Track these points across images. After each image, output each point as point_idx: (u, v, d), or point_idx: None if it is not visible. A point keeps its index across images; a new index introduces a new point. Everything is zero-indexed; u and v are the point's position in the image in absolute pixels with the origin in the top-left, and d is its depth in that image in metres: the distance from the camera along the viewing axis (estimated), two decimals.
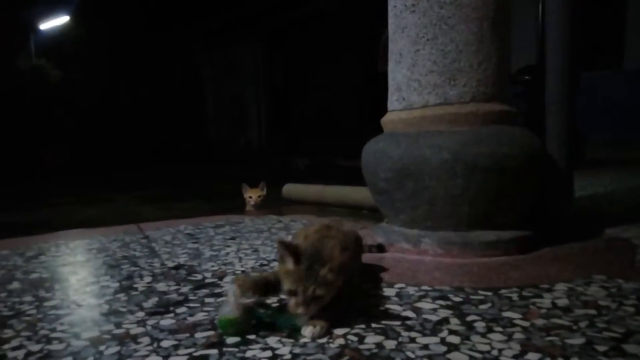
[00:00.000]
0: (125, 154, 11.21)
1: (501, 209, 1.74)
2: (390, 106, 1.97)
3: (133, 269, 1.80)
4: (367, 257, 1.71)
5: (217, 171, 9.14)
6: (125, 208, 5.05)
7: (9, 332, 1.22)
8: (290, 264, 1.11)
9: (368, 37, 9.37)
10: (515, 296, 1.34)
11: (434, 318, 1.20)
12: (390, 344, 1.06)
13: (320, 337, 1.10)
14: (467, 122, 1.75)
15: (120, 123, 12.07)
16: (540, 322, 1.16)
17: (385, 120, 1.98)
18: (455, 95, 1.76)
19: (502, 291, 1.39)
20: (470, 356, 1.00)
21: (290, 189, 3.74)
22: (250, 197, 3.54)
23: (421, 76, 1.80)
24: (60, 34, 13.98)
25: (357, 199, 3.06)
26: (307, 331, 1.11)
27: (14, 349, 1.12)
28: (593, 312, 1.22)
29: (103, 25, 12.90)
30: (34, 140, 11.01)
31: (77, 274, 1.78)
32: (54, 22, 14.09)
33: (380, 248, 1.84)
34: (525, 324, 1.15)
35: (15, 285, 1.65)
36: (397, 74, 1.89)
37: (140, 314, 1.31)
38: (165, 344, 1.10)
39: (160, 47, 13.06)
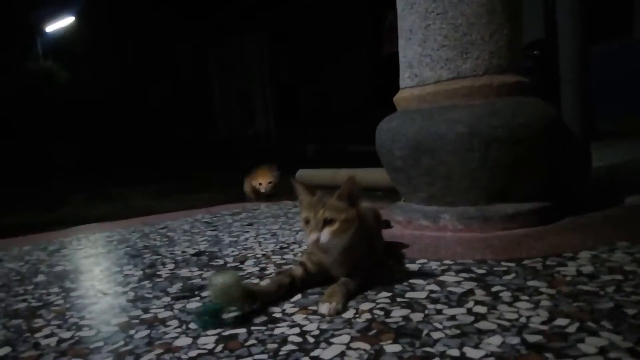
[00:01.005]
0: (136, 150, 11.28)
1: (520, 180, 1.72)
2: (402, 84, 1.95)
3: (155, 257, 1.81)
4: (387, 236, 1.71)
5: (226, 163, 9.17)
6: (140, 202, 5.08)
7: (39, 322, 1.24)
8: (304, 196, 1.26)
9: (372, 22, 9.30)
10: (539, 266, 1.34)
11: (459, 290, 1.20)
12: (417, 317, 1.06)
13: (337, 313, 1.11)
14: (482, 95, 1.73)
15: (130, 120, 12.14)
16: (566, 289, 1.16)
17: (398, 98, 1.96)
18: (468, 68, 1.75)
19: (526, 262, 1.38)
20: (499, 324, 0.99)
21: (303, 174, 3.74)
22: (260, 184, 3.27)
23: (433, 51, 1.79)
24: (66, 35, 14.05)
25: (371, 180, 3.05)
26: (324, 308, 1.12)
27: (46, 337, 1.14)
28: (619, 277, 1.21)
29: (109, 23, 12.93)
30: (46, 141, 11.12)
31: (100, 264, 1.80)
32: (60, 24, 14.15)
33: (387, 224, 1.86)
34: (552, 291, 1.15)
35: (40, 277, 1.68)
36: (408, 50, 1.87)
37: (167, 299, 1.32)
38: (194, 325, 1.11)
39: (168, 44, 13.07)
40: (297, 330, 1.04)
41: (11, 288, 1.58)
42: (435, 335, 0.97)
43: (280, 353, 0.94)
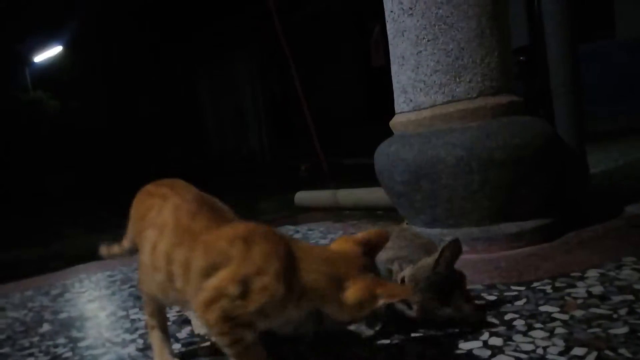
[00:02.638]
0: (130, 176, 11.24)
1: (521, 199, 1.73)
2: (397, 108, 1.97)
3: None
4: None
5: (222, 182, 9.16)
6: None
7: None
8: None
9: (360, 35, 9.39)
10: (548, 288, 1.34)
11: (472, 319, 1.20)
12: (432, 353, 1.06)
13: None
14: (477, 117, 1.75)
15: (122, 145, 12.11)
16: (579, 313, 1.16)
17: (395, 122, 1.98)
18: (462, 91, 1.76)
19: (535, 284, 1.38)
20: (516, 357, 0.99)
21: (302, 197, 3.74)
22: None
23: (426, 76, 1.80)
24: (54, 65, 14.06)
25: (371, 200, 3.05)
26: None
27: None
28: (630, 297, 1.21)
29: (96, 50, 12.95)
30: (38, 171, 11.06)
31: (105, 309, 1.78)
32: (48, 54, 14.17)
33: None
34: (565, 317, 1.15)
35: (46, 327, 1.66)
36: (402, 76, 1.89)
37: (177, 346, 1.31)
38: None
39: (157, 65, 13.09)
40: None
41: (16, 341, 1.56)
42: None
43: None
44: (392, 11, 1.90)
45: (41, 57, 14.30)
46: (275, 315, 0.93)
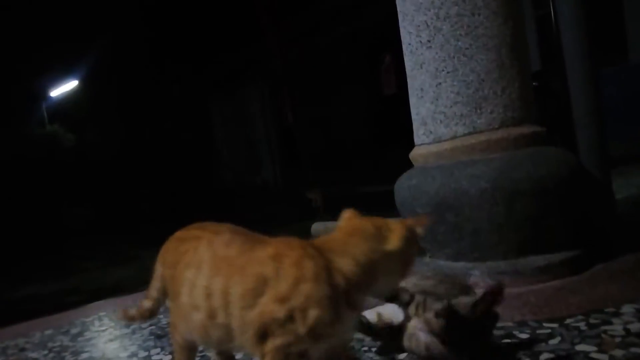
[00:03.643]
0: (146, 208, 11.31)
1: (547, 231, 1.70)
2: (417, 140, 1.96)
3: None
4: None
5: (237, 215, 9.17)
6: (152, 265, 5.05)
7: None
8: None
9: (372, 63, 9.49)
10: (582, 325, 1.29)
11: None
12: None
13: None
14: (500, 148, 1.73)
15: (139, 177, 12.24)
16: (619, 353, 1.11)
17: (415, 154, 1.97)
18: (483, 123, 1.75)
19: (568, 320, 1.34)
20: None
21: (319, 228, 3.72)
22: None
23: (446, 108, 1.80)
24: (70, 99, 14.39)
25: None
26: None
27: None
28: None
29: (111, 84, 13.24)
30: (56, 204, 11.18)
31: (127, 349, 1.76)
32: (64, 88, 14.52)
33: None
34: (604, 357, 1.11)
35: None
36: (421, 108, 1.89)
37: None
38: None
39: (170, 99, 13.33)
40: None
41: None
42: None
43: None
44: (410, 44, 1.91)
45: (57, 91, 14.66)
46: (330, 328, 0.87)
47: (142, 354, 1.66)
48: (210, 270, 0.98)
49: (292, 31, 10.24)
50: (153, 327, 1.98)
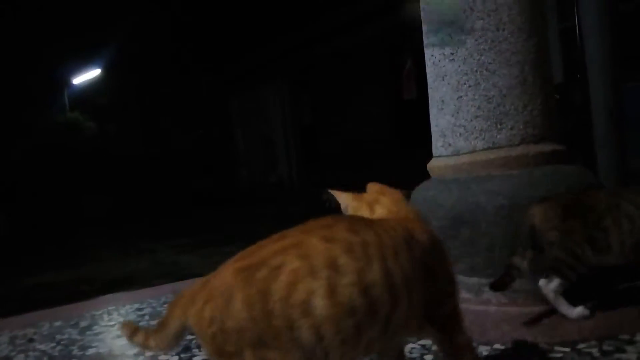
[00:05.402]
0: (162, 201, 11.42)
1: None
2: (435, 152, 1.95)
3: (189, 337, 1.78)
4: None
5: (251, 212, 9.22)
6: (167, 258, 5.11)
7: None
8: None
9: (392, 67, 9.45)
10: (595, 352, 1.28)
11: None
12: None
13: None
14: (519, 165, 1.71)
15: (156, 170, 12.36)
16: None
17: (432, 166, 1.96)
18: (503, 138, 1.74)
19: (580, 346, 1.33)
20: None
21: None
22: None
23: (466, 122, 1.79)
24: (92, 87, 14.57)
25: None
26: None
27: None
28: None
29: (133, 75, 13.38)
30: (75, 193, 11.34)
31: (134, 347, 1.77)
32: (86, 76, 14.70)
33: None
34: None
35: None
36: (441, 120, 1.88)
37: None
38: None
39: (190, 94, 13.44)
40: None
41: None
42: None
43: None
44: (432, 55, 1.90)
45: (80, 79, 14.83)
46: None
47: (149, 353, 1.68)
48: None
49: (315, 31, 10.26)
50: None
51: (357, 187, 1.45)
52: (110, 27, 12.72)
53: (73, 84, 14.99)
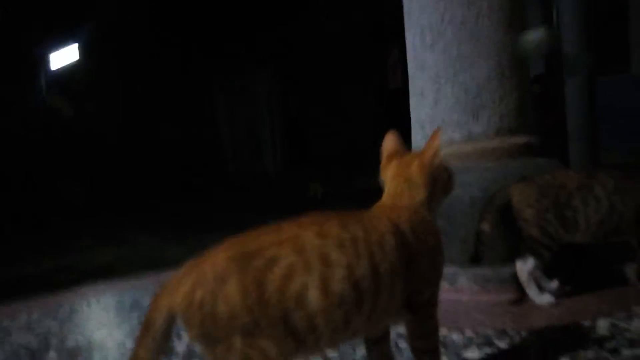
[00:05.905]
0: (143, 189, 11.30)
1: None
2: (414, 144, 1.98)
3: None
4: None
5: (236, 202, 9.19)
6: (148, 247, 5.07)
7: None
8: None
9: (379, 56, 9.47)
10: (560, 337, 1.33)
11: None
12: None
13: None
14: (494, 157, 1.75)
15: (137, 157, 12.20)
16: None
17: None
18: (479, 131, 1.77)
19: (546, 332, 1.37)
20: None
21: None
22: None
23: (444, 114, 1.82)
24: (71, 70, 14.27)
25: None
26: None
27: None
28: None
29: (114, 58, 13.14)
30: (53, 180, 11.15)
31: (114, 337, 1.77)
32: (65, 59, 14.38)
33: None
34: None
35: (52, 355, 1.65)
36: (420, 112, 1.90)
37: None
38: None
39: (173, 81, 13.27)
40: None
41: None
42: None
43: None
44: (413, 45, 1.92)
45: (58, 61, 14.49)
46: None
47: (129, 344, 1.67)
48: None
49: (304, 19, 10.22)
50: (142, 315, 2.00)
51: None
52: (90, 8, 12.46)
53: (51, 67, 14.65)
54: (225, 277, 0.84)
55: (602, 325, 1.38)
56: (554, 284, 1.60)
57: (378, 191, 1.17)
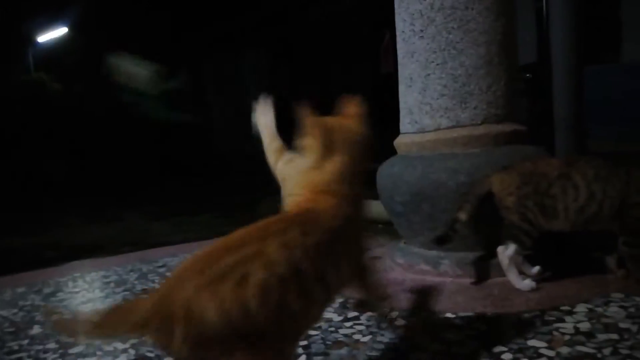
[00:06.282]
0: (132, 167, 11.22)
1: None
2: (402, 128, 1.99)
3: None
4: (388, 280, 1.74)
5: (224, 181, 9.18)
6: (136, 226, 5.07)
7: None
8: None
9: (372, 39, 9.40)
10: (538, 322, 1.37)
11: (463, 351, 1.23)
12: None
13: None
14: (480, 144, 1.77)
15: (125, 135, 12.08)
16: (565, 350, 1.19)
17: (399, 142, 2.00)
18: (467, 117, 1.79)
19: (525, 315, 1.41)
20: None
21: None
22: None
23: (432, 100, 1.83)
24: (59, 46, 14.01)
25: (372, 213, 3.06)
26: None
27: None
28: (615, 336, 1.24)
29: (101, 34, 12.91)
30: (39, 157, 11.02)
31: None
32: (52, 34, 14.11)
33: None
34: (551, 353, 1.18)
35: (36, 329, 1.66)
36: (409, 97, 1.91)
37: None
38: None
39: (162, 57, 13.08)
40: None
41: (5, 343, 1.56)
42: None
43: None
44: (403, 31, 1.92)
45: (45, 37, 14.23)
46: None
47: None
48: None
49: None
50: (127, 292, 2.02)
51: None
52: None
53: (38, 42, 14.38)
54: (199, 308, 0.81)
55: (580, 311, 1.42)
56: (535, 270, 1.64)
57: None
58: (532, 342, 1.24)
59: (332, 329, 1.42)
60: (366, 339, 1.33)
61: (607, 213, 1.55)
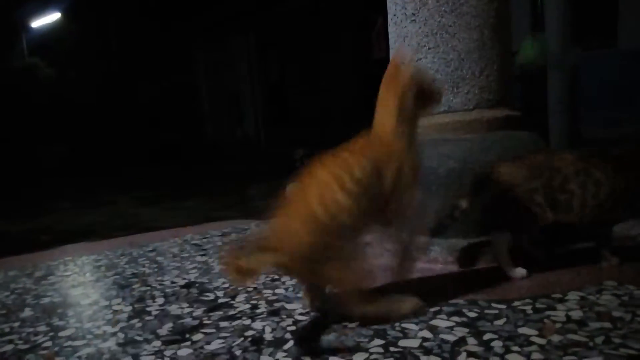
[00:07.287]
0: (124, 153, 11.16)
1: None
2: None
3: (144, 288, 1.80)
4: (379, 266, 1.72)
5: (215, 167, 9.14)
6: (127, 210, 5.05)
7: None
8: None
9: (363, 26, 9.32)
10: (529, 309, 1.35)
11: (451, 338, 1.21)
12: None
13: None
14: (472, 129, 1.75)
15: (117, 121, 12.00)
16: (556, 338, 1.17)
17: None
18: (459, 102, 1.76)
19: (516, 303, 1.39)
20: None
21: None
22: None
23: None
24: (52, 31, 13.85)
25: None
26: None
27: None
28: (608, 325, 1.22)
29: (95, 21, 12.76)
30: (31, 141, 10.94)
31: (89, 296, 1.78)
32: (46, 20, 13.94)
33: None
34: (542, 341, 1.16)
35: (27, 312, 1.66)
36: None
37: (157, 344, 1.31)
38: None
39: (155, 43, 12.94)
40: None
41: None
42: None
43: None
44: (395, 15, 1.88)
45: (39, 22, 14.07)
46: None
47: (103, 302, 1.69)
48: None
49: None
50: (117, 276, 2.00)
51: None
52: None
53: (32, 28, 14.22)
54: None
55: (572, 298, 1.40)
56: (519, 270, 1.59)
57: None
58: (522, 330, 1.23)
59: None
60: (353, 324, 1.31)
61: (618, 206, 1.52)
